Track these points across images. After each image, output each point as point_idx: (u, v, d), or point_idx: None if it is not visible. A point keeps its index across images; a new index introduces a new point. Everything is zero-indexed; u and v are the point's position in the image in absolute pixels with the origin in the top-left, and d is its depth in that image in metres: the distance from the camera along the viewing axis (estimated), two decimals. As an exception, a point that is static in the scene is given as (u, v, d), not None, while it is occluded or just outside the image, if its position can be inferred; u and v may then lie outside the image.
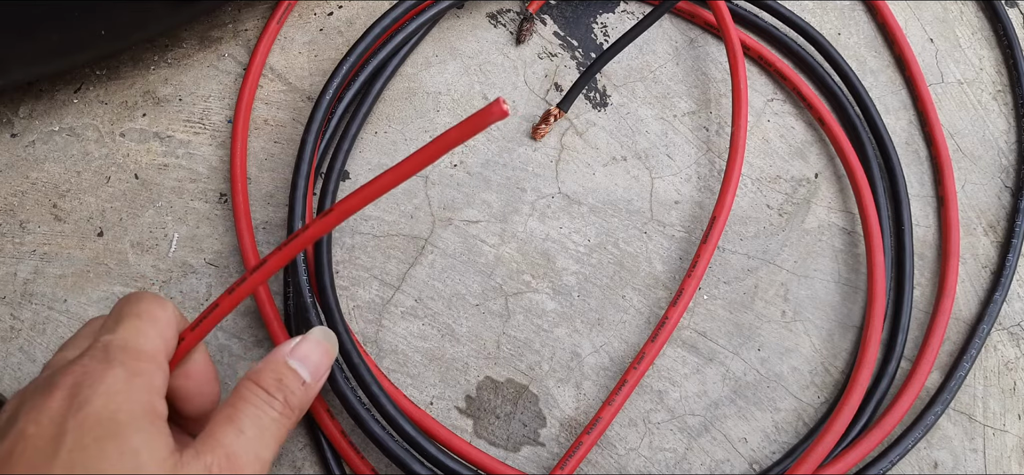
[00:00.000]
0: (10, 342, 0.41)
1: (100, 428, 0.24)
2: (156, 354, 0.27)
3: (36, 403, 0.24)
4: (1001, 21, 0.53)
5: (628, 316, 0.43)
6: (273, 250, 0.29)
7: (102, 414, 0.24)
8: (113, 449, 0.23)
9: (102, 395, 0.24)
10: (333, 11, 0.50)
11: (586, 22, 0.51)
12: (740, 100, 0.46)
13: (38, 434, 0.23)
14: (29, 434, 0.24)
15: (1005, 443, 0.43)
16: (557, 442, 0.41)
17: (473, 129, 0.24)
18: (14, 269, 0.43)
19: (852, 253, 0.46)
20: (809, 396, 0.43)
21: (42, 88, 0.47)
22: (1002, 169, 0.49)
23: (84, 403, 0.24)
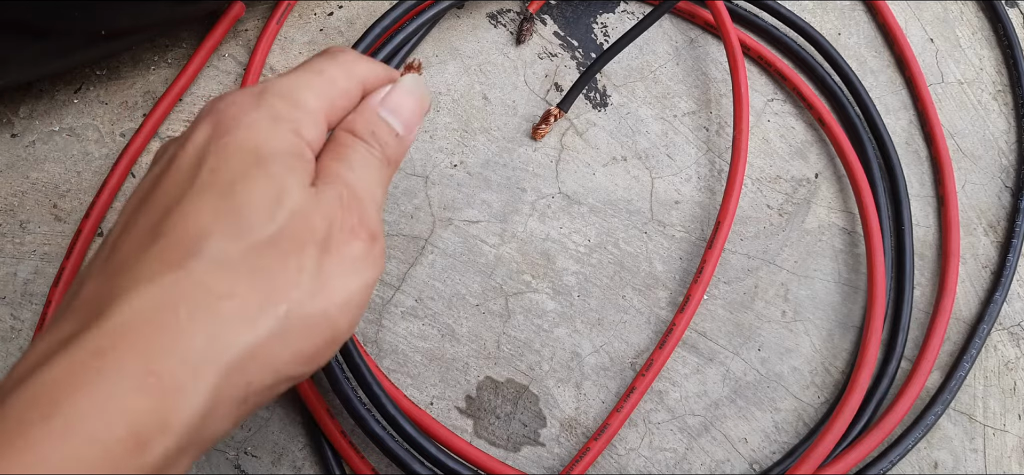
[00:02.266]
0: (10, 342, 0.41)
1: (242, 154, 0.24)
2: (315, 110, 0.26)
3: (185, 134, 0.25)
4: (1001, 21, 0.53)
5: (628, 316, 0.43)
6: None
7: (244, 143, 0.24)
8: (253, 173, 0.23)
9: (245, 127, 0.24)
10: (333, 11, 0.50)
11: (586, 22, 0.51)
12: (741, 103, 0.46)
13: (183, 158, 0.24)
14: (176, 160, 0.24)
15: (1005, 443, 0.43)
16: (557, 442, 0.41)
17: None
18: (14, 269, 0.43)
19: (852, 253, 0.46)
20: (809, 396, 0.43)
21: (42, 88, 0.47)
22: (1002, 169, 0.49)
23: (226, 132, 0.24)
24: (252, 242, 0.22)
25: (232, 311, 0.21)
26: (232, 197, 0.23)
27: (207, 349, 0.20)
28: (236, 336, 0.21)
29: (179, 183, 0.23)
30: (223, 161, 0.23)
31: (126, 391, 0.19)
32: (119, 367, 0.19)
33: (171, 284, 0.21)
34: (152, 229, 0.22)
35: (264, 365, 0.22)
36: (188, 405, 0.20)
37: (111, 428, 0.19)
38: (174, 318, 0.20)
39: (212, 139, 0.24)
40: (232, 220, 0.22)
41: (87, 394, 0.19)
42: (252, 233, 0.22)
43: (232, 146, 0.24)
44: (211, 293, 0.21)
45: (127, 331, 0.20)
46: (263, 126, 0.24)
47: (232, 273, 0.22)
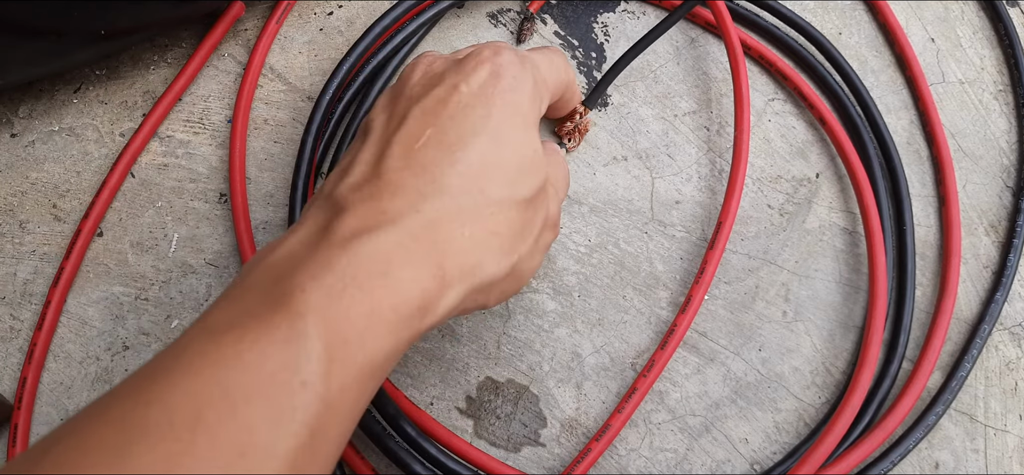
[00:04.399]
0: (10, 342, 0.41)
1: (517, 116, 0.28)
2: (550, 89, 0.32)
3: (465, 68, 0.29)
4: (1002, 21, 0.53)
5: (629, 316, 0.43)
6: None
7: (519, 105, 0.28)
8: (524, 139, 0.28)
9: (519, 90, 0.29)
10: (333, 11, 0.50)
11: (586, 22, 0.51)
12: (742, 103, 0.46)
13: (470, 94, 0.28)
14: (462, 90, 0.28)
15: (1006, 443, 0.42)
16: (558, 442, 0.41)
17: None
18: (14, 269, 0.43)
19: (853, 253, 0.46)
20: (810, 396, 0.43)
21: (42, 88, 0.47)
22: (1003, 169, 0.49)
23: (507, 88, 0.28)
24: (516, 198, 0.28)
25: (494, 246, 0.27)
26: (513, 154, 0.28)
27: (473, 266, 0.26)
28: (491, 265, 0.27)
29: (471, 119, 0.27)
30: (505, 115, 0.28)
31: (427, 275, 0.25)
32: (425, 254, 0.25)
33: (464, 206, 0.26)
34: (451, 148, 0.27)
35: (489, 291, 0.28)
36: (450, 300, 0.25)
37: (416, 295, 0.24)
38: (461, 232, 0.26)
39: (494, 86, 0.28)
40: (510, 175, 0.27)
41: (409, 267, 0.24)
42: (518, 191, 0.28)
43: (512, 103, 0.28)
44: (487, 226, 0.27)
45: (433, 229, 0.25)
46: (529, 94, 0.29)
47: (502, 216, 0.27)
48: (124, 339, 0.41)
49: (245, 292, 0.24)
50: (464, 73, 0.28)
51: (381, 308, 0.23)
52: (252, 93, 0.47)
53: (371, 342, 0.23)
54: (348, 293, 0.23)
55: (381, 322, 0.23)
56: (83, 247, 0.43)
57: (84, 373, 0.41)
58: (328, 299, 0.23)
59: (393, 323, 0.24)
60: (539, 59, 0.31)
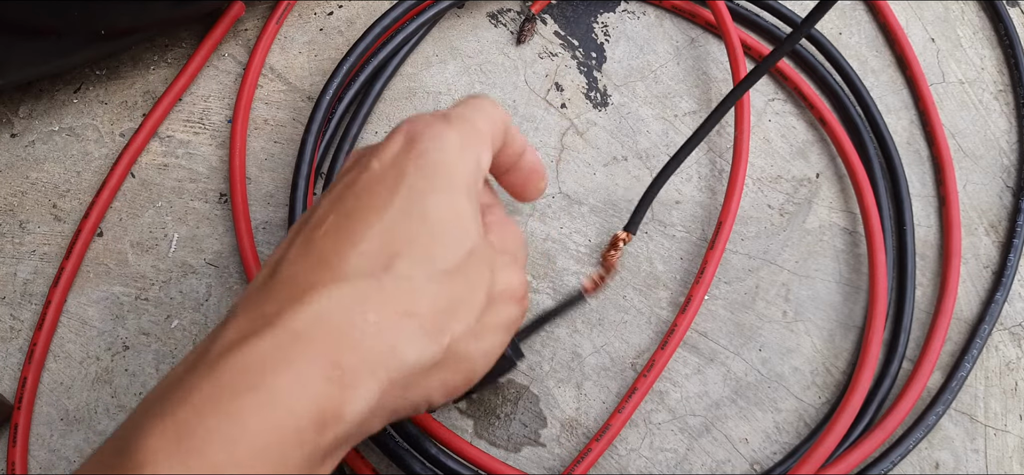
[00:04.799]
0: (10, 342, 0.41)
1: (437, 178, 0.25)
2: (487, 136, 0.28)
3: (379, 147, 0.26)
4: (1002, 21, 0.53)
5: (629, 316, 0.43)
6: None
7: (439, 166, 0.25)
8: (445, 201, 0.25)
9: (439, 150, 0.25)
10: (333, 11, 0.50)
11: (586, 22, 0.51)
12: (742, 102, 0.46)
13: (381, 170, 0.25)
14: (373, 168, 0.25)
15: (1006, 443, 0.42)
16: (558, 442, 0.41)
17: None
18: (14, 269, 0.42)
19: (853, 253, 0.46)
20: (810, 396, 0.43)
21: (42, 88, 0.47)
22: (1003, 169, 0.49)
23: (424, 152, 0.25)
24: (438, 270, 0.24)
25: (411, 329, 0.23)
26: (426, 222, 0.24)
27: (385, 356, 0.22)
28: (409, 351, 0.23)
29: (379, 193, 0.24)
30: (419, 179, 0.25)
31: (317, 376, 0.21)
32: (314, 353, 0.21)
33: (365, 290, 0.23)
34: (352, 232, 0.24)
35: (419, 384, 0.24)
36: (360, 401, 0.22)
37: (304, 407, 0.20)
38: (363, 320, 0.22)
39: (407, 152, 0.25)
40: (424, 245, 0.24)
41: (288, 373, 0.21)
42: (439, 262, 0.24)
43: (428, 165, 0.25)
44: (398, 308, 0.23)
45: (323, 322, 0.22)
46: (454, 149, 0.26)
47: (417, 294, 0.23)
48: (124, 339, 0.41)
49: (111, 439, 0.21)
50: (377, 150, 0.26)
51: (251, 432, 0.19)
52: (252, 93, 0.47)
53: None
54: (204, 425, 0.19)
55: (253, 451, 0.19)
56: (83, 247, 0.43)
57: (84, 373, 0.41)
58: (177, 441, 0.19)
59: (273, 447, 0.20)
60: (465, 110, 0.27)
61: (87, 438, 0.39)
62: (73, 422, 0.40)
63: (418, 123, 0.26)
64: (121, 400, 0.40)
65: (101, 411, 0.40)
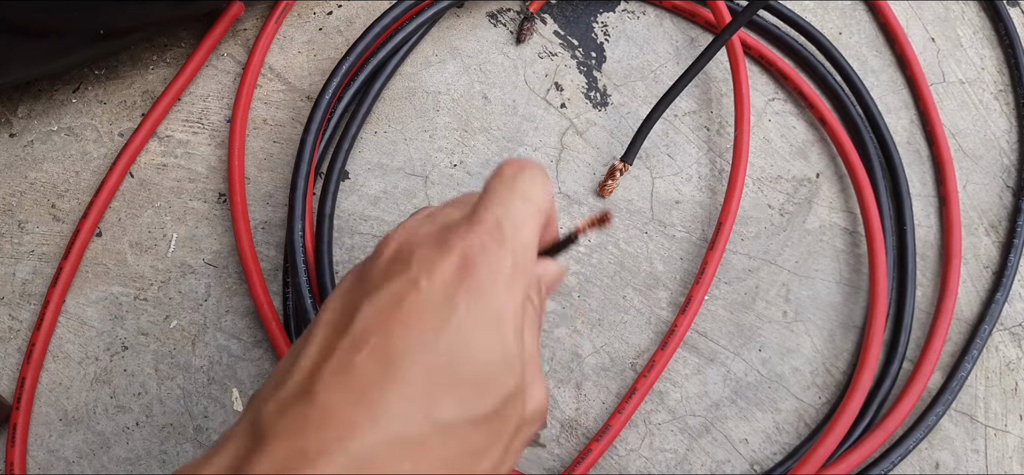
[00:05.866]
0: (9, 342, 0.41)
1: (488, 317, 0.24)
2: (534, 252, 0.26)
3: (430, 257, 0.24)
4: (1002, 21, 0.53)
5: (629, 316, 0.43)
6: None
7: (491, 302, 0.24)
8: (494, 344, 0.24)
9: (492, 280, 0.24)
10: (332, 10, 0.50)
11: (586, 21, 0.51)
12: (742, 102, 0.45)
13: (430, 292, 0.24)
14: (422, 287, 0.24)
15: (1006, 443, 0.42)
16: (558, 442, 0.41)
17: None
18: (12, 269, 0.42)
19: (854, 253, 0.46)
20: (810, 397, 0.42)
21: (41, 88, 0.47)
22: (1003, 169, 0.49)
23: (478, 284, 0.24)
24: (475, 415, 0.23)
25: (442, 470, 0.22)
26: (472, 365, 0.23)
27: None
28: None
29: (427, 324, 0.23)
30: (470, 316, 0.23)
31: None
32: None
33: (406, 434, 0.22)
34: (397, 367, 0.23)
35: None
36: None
37: None
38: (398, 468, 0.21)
39: (460, 282, 0.24)
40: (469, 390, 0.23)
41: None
42: (477, 407, 0.23)
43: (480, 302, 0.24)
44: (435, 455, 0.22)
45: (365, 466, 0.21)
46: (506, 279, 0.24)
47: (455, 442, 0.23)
48: (123, 339, 0.41)
49: None
50: (428, 264, 0.24)
51: None
52: (251, 93, 0.47)
53: None
54: None
55: None
56: (82, 247, 0.43)
57: (83, 373, 0.41)
58: None
59: None
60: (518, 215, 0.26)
61: (86, 438, 0.39)
62: (72, 422, 0.40)
63: (473, 242, 0.25)
64: (120, 400, 0.40)
65: (100, 411, 0.40)
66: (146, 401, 0.40)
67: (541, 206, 0.27)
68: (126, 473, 0.39)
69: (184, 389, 0.41)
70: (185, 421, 0.40)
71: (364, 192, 0.45)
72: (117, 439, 0.39)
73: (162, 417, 0.40)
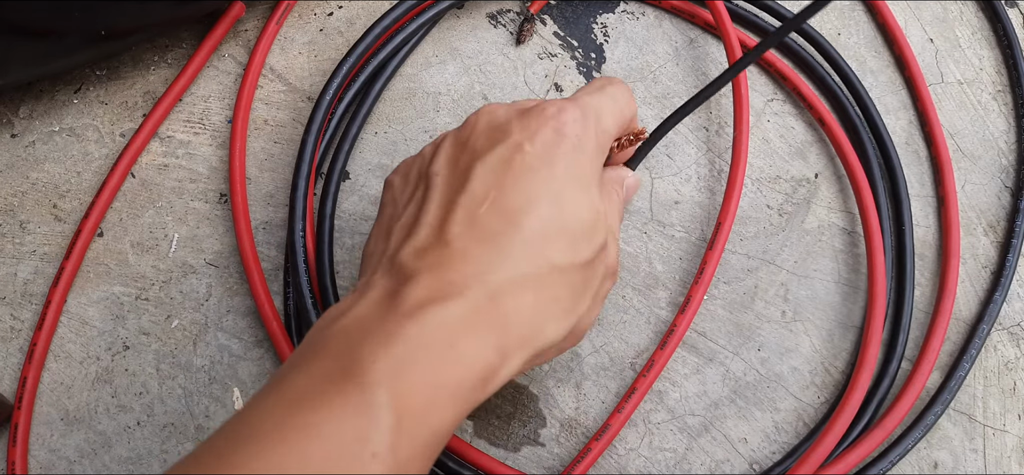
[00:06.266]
0: (10, 342, 0.41)
1: (579, 174, 0.28)
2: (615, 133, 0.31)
3: (529, 126, 0.28)
4: (1001, 21, 0.53)
5: (628, 316, 0.43)
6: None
7: (581, 163, 0.28)
8: (587, 200, 0.28)
9: (580, 149, 0.28)
10: (333, 11, 0.50)
11: (586, 22, 0.51)
12: (741, 103, 0.46)
13: (533, 154, 0.27)
14: (525, 150, 0.28)
15: (1005, 443, 0.43)
16: (557, 442, 0.41)
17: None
18: (14, 269, 0.43)
19: (852, 253, 0.46)
20: (809, 396, 0.43)
21: (42, 88, 0.47)
22: (1002, 169, 0.49)
23: (570, 149, 0.28)
24: (578, 261, 0.27)
25: (556, 311, 0.27)
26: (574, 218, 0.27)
27: (534, 334, 0.26)
28: (551, 331, 0.27)
29: (534, 181, 0.27)
30: (568, 177, 0.27)
31: (490, 347, 0.25)
32: (489, 327, 0.25)
33: (527, 273, 0.26)
34: (514, 214, 0.26)
35: (548, 353, 0.29)
36: (511, 369, 0.26)
37: (477, 369, 0.25)
38: (524, 302, 0.26)
39: (558, 145, 0.28)
40: (572, 238, 0.27)
41: (473, 340, 0.25)
42: (580, 254, 0.27)
43: (574, 164, 0.28)
44: (549, 293, 0.27)
45: (496, 301, 0.25)
46: (591, 152, 0.29)
47: (564, 281, 0.27)
48: (124, 339, 0.41)
49: (317, 358, 0.24)
50: (528, 132, 0.28)
51: (447, 381, 0.24)
52: (252, 93, 0.47)
53: (436, 414, 0.24)
54: (417, 365, 0.23)
55: (446, 394, 0.24)
56: (83, 247, 0.43)
57: (84, 373, 0.41)
58: (398, 370, 0.23)
59: (457, 396, 0.24)
60: (603, 106, 0.30)
61: (87, 438, 0.40)
62: (73, 422, 0.40)
63: (566, 117, 0.28)
64: (121, 400, 0.40)
65: (101, 411, 0.40)
66: (147, 400, 0.40)
67: (623, 109, 0.31)
68: (127, 473, 0.39)
69: (185, 388, 0.41)
70: (186, 420, 0.40)
71: (365, 192, 0.45)
72: (118, 438, 0.40)
73: (163, 416, 0.40)
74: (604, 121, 0.30)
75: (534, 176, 0.27)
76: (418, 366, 0.23)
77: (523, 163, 0.27)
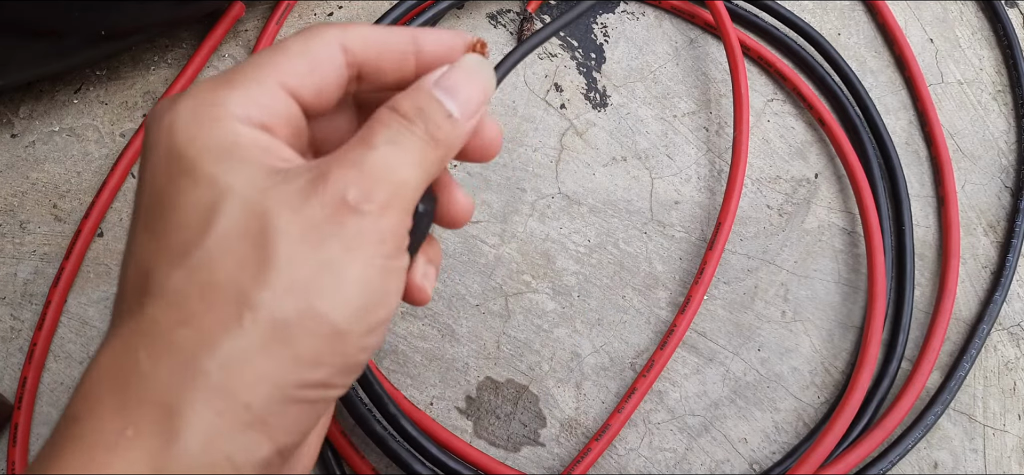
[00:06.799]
0: (10, 342, 0.41)
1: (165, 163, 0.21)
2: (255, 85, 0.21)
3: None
4: (1001, 21, 0.53)
5: (628, 316, 0.43)
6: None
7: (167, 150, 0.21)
8: (182, 180, 0.20)
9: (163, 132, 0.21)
10: (333, 11, 0.50)
11: (586, 23, 0.51)
12: (741, 103, 0.46)
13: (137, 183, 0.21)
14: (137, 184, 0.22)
15: (1005, 443, 0.43)
16: (557, 442, 0.41)
17: None
18: (14, 269, 0.43)
19: (852, 253, 0.46)
20: (809, 396, 0.43)
21: (42, 89, 0.47)
22: (1002, 169, 0.49)
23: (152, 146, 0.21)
24: (197, 259, 0.20)
25: (189, 338, 0.19)
26: (163, 217, 0.20)
27: (177, 386, 0.19)
28: (200, 361, 0.19)
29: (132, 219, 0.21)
30: (154, 177, 0.21)
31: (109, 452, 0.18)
32: (93, 428, 0.19)
33: (127, 331, 0.20)
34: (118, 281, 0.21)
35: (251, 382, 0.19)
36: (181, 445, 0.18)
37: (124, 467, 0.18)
38: (136, 365, 0.19)
39: (142, 156, 0.21)
40: (167, 242, 0.20)
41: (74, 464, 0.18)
42: (193, 249, 0.20)
43: (158, 155, 0.21)
44: (166, 327, 0.19)
45: (95, 390, 0.19)
46: (180, 123, 0.21)
47: (183, 299, 0.19)
48: (124, 339, 0.41)
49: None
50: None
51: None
52: (252, 93, 0.47)
53: None
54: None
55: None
56: (83, 247, 0.43)
57: (84, 373, 0.41)
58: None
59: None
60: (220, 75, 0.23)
61: (87, 438, 0.40)
62: (73, 422, 0.40)
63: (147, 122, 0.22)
64: (121, 400, 0.40)
65: (101, 411, 0.40)
66: (147, 401, 0.40)
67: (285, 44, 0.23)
68: (127, 472, 0.39)
69: (185, 389, 0.41)
70: (186, 420, 0.40)
71: (364, 192, 0.45)
72: (118, 438, 0.40)
73: (163, 417, 0.40)
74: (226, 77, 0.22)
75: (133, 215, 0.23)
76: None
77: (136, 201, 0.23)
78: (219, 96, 0.21)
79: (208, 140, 0.20)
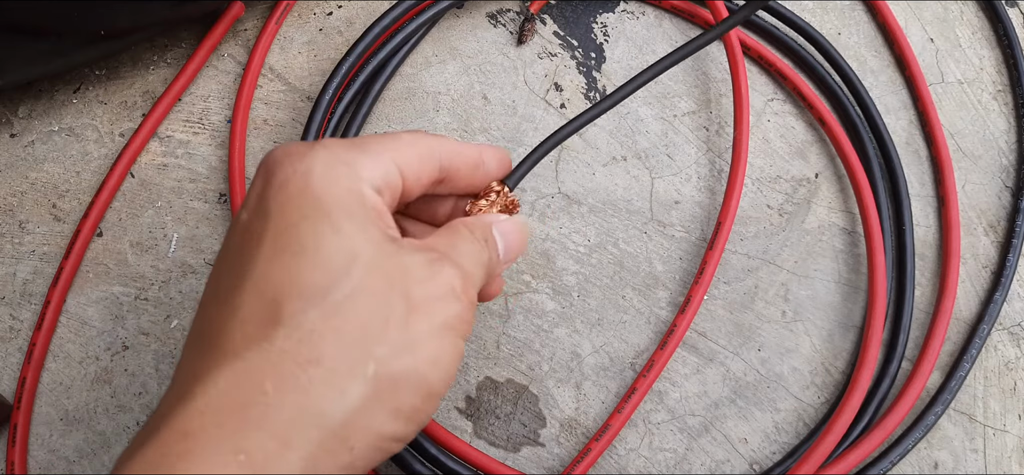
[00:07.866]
0: (10, 342, 0.41)
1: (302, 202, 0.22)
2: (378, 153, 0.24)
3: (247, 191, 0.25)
4: (1001, 21, 0.53)
5: (628, 316, 0.43)
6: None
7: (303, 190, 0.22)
8: (321, 224, 0.22)
9: (299, 172, 0.22)
10: (332, 11, 0.50)
11: (586, 22, 0.51)
12: (741, 103, 0.46)
13: (248, 217, 0.23)
14: (240, 220, 0.23)
15: (1005, 443, 0.43)
16: (557, 442, 0.41)
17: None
18: (13, 269, 0.42)
19: (853, 253, 0.46)
20: (809, 396, 0.43)
21: (41, 88, 0.47)
22: (1002, 169, 0.49)
23: (281, 180, 0.22)
24: (332, 302, 0.21)
25: (319, 378, 0.20)
26: (303, 256, 0.21)
27: (297, 421, 0.20)
28: (327, 404, 0.20)
29: (248, 243, 0.22)
30: (284, 213, 0.22)
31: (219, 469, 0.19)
32: (207, 449, 0.19)
33: (255, 358, 0.20)
34: (231, 299, 0.22)
35: (361, 428, 0.21)
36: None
37: None
38: (261, 393, 0.20)
39: (266, 187, 0.23)
40: (302, 279, 0.21)
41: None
42: (331, 293, 0.21)
43: (290, 193, 0.22)
44: (295, 362, 0.20)
45: (214, 411, 0.20)
46: (318, 170, 0.23)
47: (315, 337, 0.21)
48: (124, 339, 0.41)
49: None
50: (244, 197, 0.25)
51: None
52: (252, 93, 0.47)
53: None
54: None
55: None
56: (83, 247, 0.43)
57: (84, 373, 0.41)
58: None
59: None
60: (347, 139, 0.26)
61: (86, 438, 0.40)
62: (72, 422, 0.40)
63: (273, 155, 0.24)
64: (120, 400, 0.40)
65: (100, 411, 0.40)
66: (147, 401, 0.40)
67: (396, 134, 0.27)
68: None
69: (184, 389, 0.41)
70: (185, 421, 0.40)
71: (364, 192, 0.45)
72: (118, 439, 0.40)
73: (163, 417, 0.40)
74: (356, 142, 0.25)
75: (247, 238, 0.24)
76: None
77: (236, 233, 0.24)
78: (352, 156, 0.23)
79: (342, 193, 0.22)
